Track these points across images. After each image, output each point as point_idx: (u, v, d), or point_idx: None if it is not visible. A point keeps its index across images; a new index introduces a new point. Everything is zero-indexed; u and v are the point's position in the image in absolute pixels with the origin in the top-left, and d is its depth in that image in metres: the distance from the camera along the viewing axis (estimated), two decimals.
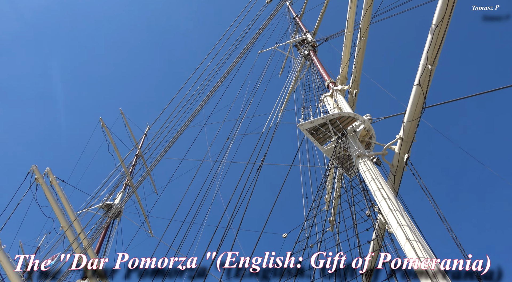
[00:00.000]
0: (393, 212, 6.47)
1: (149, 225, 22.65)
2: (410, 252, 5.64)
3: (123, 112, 28.22)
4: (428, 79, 7.49)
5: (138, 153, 27.36)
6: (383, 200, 6.86)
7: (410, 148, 8.40)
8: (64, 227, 16.93)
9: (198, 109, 15.01)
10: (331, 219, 10.86)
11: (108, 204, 21.77)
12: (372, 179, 7.68)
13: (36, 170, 17.05)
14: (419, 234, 6.24)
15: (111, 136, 24.82)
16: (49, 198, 16.86)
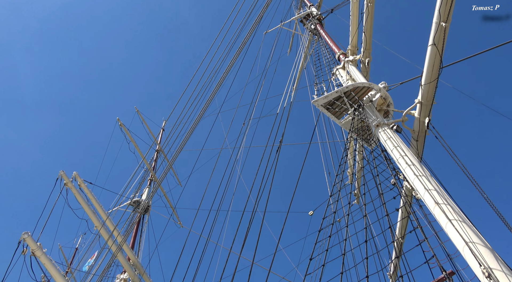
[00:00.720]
0: (419, 177, 6.35)
1: (178, 216, 23.21)
2: (440, 215, 5.54)
3: (138, 110, 28.63)
4: (443, 38, 7.18)
5: (158, 148, 27.81)
6: (408, 166, 6.74)
7: (430, 111, 8.16)
8: (97, 227, 17.55)
9: (211, 97, 15.02)
10: (356, 192, 10.78)
11: (136, 200, 22.37)
12: (394, 147, 7.53)
13: (64, 175, 17.63)
14: (448, 197, 6.11)
15: (130, 135, 25.30)
16: (80, 200, 17.46)
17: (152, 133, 27.35)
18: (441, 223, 5.51)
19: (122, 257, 17.11)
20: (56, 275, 13.16)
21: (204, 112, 16.35)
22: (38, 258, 12.89)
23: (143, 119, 27.79)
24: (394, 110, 9.43)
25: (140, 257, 19.43)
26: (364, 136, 9.06)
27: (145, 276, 17.49)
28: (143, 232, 21.21)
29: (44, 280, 13.85)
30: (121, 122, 25.46)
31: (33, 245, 13.03)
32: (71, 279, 15.38)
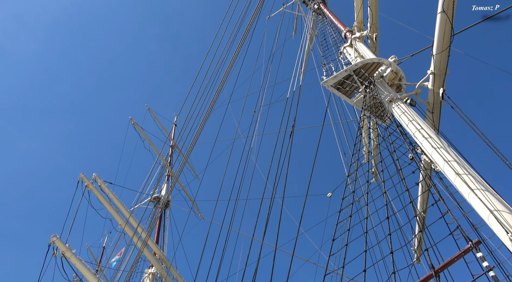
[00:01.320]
0: (437, 150, 6.22)
1: (198, 209, 23.54)
2: (462, 186, 5.44)
3: (149, 108, 28.88)
4: (453, 3, 6.92)
5: (172, 144, 28.08)
6: (425, 140, 6.61)
7: (444, 81, 7.94)
8: (121, 225, 17.99)
9: (219, 88, 14.98)
10: (373, 170, 10.68)
11: (156, 196, 22.75)
12: (409, 121, 7.39)
13: (84, 178, 18.05)
14: (469, 167, 5.98)
15: (144, 133, 25.60)
16: (102, 200, 17.88)
17: (165, 129, 27.61)
18: (463, 193, 5.41)
19: (148, 252, 17.54)
20: (87, 273, 13.60)
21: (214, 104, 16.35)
22: (68, 258, 13.33)
23: (155, 117, 28.04)
24: (407, 84, 9.23)
25: (165, 251, 19.88)
26: (377, 113, 8.91)
27: (172, 268, 17.91)
28: (165, 227, 21.65)
29: (76, 279, 14.34)
30: (134, 121, 25.76)
31: (62, 247, 13.48)
32: (101, 276, 15.88)
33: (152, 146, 25.55)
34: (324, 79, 10.17)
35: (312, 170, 9.91)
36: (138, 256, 17.04)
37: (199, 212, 23.57)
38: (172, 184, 22.43)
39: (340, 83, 10.05)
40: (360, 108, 9.76)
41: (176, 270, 18.10)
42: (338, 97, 10.60)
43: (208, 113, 16.58)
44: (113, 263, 19.39)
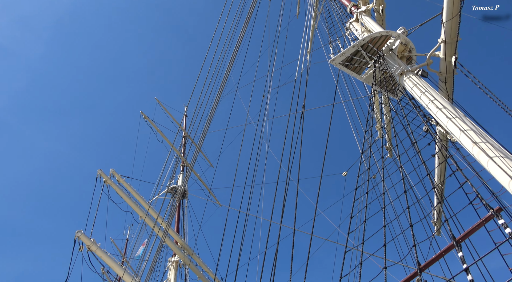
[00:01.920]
0: (452, 119, 6.09)
1: (215, 196, 23.84)
2: (480, 154, 5.33)
3: (159, 100, 29.03)
4: None
5: (185, 134, 28.28)
6: (439, 110, 6.46)
7: (456, 49, 7.70)
8: (142, 217, 18.40)
9: (226, 74, 14.90)
10: (388, 146, 10.55)
11: (173, 187, 23.11)
12: (422, 93, 7.22)
13: (102, 173, 18.43)
14: (487, 135, 5.85)
15: (156, 126, 25.84)
16: (121, 194, 18.27)
17: (176, 120, 27.77)
18: (482, 162, 5.30)
19: (170, 242, 17.95)
20: (113, 265, 14.04)
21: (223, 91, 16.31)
22: (94, 252, 13.77)
23: (165, 109, 28.20)
24: (417, 55, 8.99)
25: (186, 240, 20.30)
26: (388, 87, 8.74)
27: (194, 256, 18.32)
28: (185, 216, 22.05)
29: (103, 271, 14.83)
30: (145, 115, 26.00)
31: (87, 241, 13.91)
32: (127, 267, 16.38)
33: (164, 138, 25.82)
34: (331, 57, 9.99)
35: (326, 150, 9.86)
36: (161, 246, 17.47)
37: (216, 200, 23.89)
38: (188, 174, 22.72)
39: (348, 60, 9.85)
40: (370, 84, 9.59)
41: (199, 257, 18.51)
42: (347, 74, 10.42)
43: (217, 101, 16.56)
44: (137, 254, 19.95)
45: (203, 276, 18.04)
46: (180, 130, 27.65)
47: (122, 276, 14.44)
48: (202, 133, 17.07)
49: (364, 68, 9.92)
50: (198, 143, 22.15)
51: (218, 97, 16.74)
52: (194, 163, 20.40)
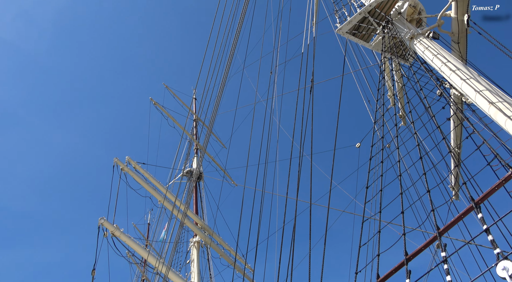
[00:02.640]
0: (467, 81, 5.90)
1: (230, 177, 24.11)
2: (497, 114, 5.19)
3: (167, 85, 29.02)
4: None
5: (195, 118, 28.37)
6: (452, 72, 6.27)
7: (468, 7, 7.36)
8: (160, 201, 18.82)
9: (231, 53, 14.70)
10: (401, 113, 10.36)
11: (188, 170, 23.41)
12: (434, 56, 7.00)
13: (118, 161, 18.78)
14: (504, 94, 5.66)
15: (166, 111, 25.97)
16: (138, 180, 18.65)
17: (185, 104, 27.80)
18: (499, 121, 5.17)
19: (190, 223, 18.38)
20: (137, 248, 14.52)
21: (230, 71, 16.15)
22: (118, 237, 14.23)
23: (173, 94, 28.20)
24: (427, 17, 8.65)
25: (205, 220, 20.73)
26: (398, 53, 8.49)
27: (215, 235, 18.76)
28: (202, 198, 22.44)
29: (129, 254, 15.37)
30: (154, 101, 26.11)
31: (110, 227, 14.35)
32: (151, 250, 16.93)
33: (176, 122, 25.97)
34: (338, 27, 9.71)
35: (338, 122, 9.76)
36: (181, 228, 17.91)
37: (231, 180, 24.16)
38: (201, 156, 22.95)
39: (355, 28, 9.57)
40: (379, 51, 9.32)
41: (219, 236, 18.96)
42: (355, 43, 10.15)
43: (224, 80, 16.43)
44: (159, 237, 20.55)
45: (225, 254, 18.52)
46: (191, 114, 27.73)
47: (147, 258, 14.94)
48: (212, 115, 17.07)
49: (373, 36, 9.63)
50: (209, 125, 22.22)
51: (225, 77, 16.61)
52: (207, 145, 20.54)
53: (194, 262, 17.59)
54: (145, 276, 24.42)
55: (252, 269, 18.00)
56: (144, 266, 23.99)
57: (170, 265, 14.71)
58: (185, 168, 23.28)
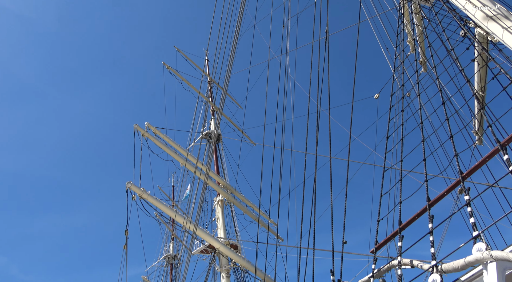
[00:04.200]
0: (494, 17, 5.52)
1: (248, 136, 24.31)
2: None
3: (178, 48, 28.58)
4: None
5: (209, 80, 28.16)
6: (477, 10, 5.86)
7: None
8: (182, 163, 19.33)
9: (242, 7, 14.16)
10: (421, 59, 9.92)
11: (207, 132, 23.70)
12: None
13: (138, 127, 19.16)
14: None
15: (180, 75, 25.84)
16: (159, 145, 19.10)
17: (198, 66, 27.48)
18: None
19: (212, 183, 18.95)
20: (165, 209, 15.22)
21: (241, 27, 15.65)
22: (146, 199, 14.91)
23: (186, 56, 27.83)
24: None
25: (227, 180, 21.30)
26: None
27: (237, 193, 19.36)
28: (222, 158, 22.89)
29: (157, 215, 16.17)
30: (167, 65, 25.92)
31: (138, 191, 15.00)
32: (178, 210, 17.72)
33: (190, 85, 25.90)
34: None
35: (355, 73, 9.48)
36: (204, 188, 18.52)
37: (249, 139, 24.40)
38: (218, 118, 23.07)
39: None
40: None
41: (241, 194, 19.55)
42: None
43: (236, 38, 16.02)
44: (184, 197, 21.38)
45: (248, 211, 19.20)
46: (205, 76, 27.51)
47: (174, 217, 15.70)
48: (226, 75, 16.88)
49: None
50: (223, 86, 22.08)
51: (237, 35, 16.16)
52: (223, 106, 20.56)
53: (219, 219, 18.36)
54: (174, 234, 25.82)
55: (275, 224, 18.69)
56: (173, 225, 25.27)
57: (197, 223, 15.43)
58: (203, 131, 23.57)
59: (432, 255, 4.26)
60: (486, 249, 3.59)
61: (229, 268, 16.32)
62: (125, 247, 14.81)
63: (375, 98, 11.68)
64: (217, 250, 16.24)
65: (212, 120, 24.11)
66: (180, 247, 24.70)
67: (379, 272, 5.48)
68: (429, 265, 4.34)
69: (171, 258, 29.87)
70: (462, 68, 5.43)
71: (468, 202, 4.00)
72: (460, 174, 4.36)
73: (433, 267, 4.15)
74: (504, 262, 3.38)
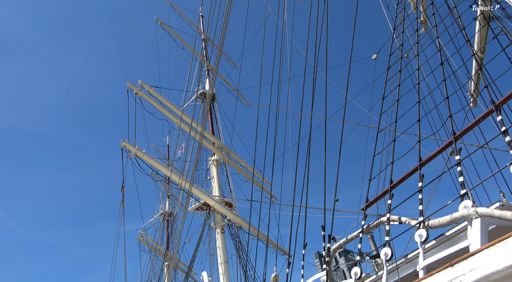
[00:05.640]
0: None
1: (243, 97, 24.12)
2: None
3: (171, 3, 27.37)
4: None
5: (204, 37, 27.31)
6: None
7: None
8: (177, 123, 19.30)
9: None
10: (422, 19, 9.65)
11: (201, 92, 23.43)
12: None
13: (132, 86, 18.84)
14: None
15: (173, 31, 24.98)
16: (153, 104, 18.92)
17: (192, 23, 26.54)
18: None
19: (207, 143, 19.07)
20: (160, 167, 15.41)
21: None
22: (141, 157, 15.03)
23: (179, 11, 26.74)
24: None
25: (222, 140, 21.43)
26: None
27: (232, 153, 19.57)
28: (217, 119, 22.84)
29: (153, 173, 16.40)
30: (160, 21, 24.98)
31: (133, 149, 15.08)
32: (173, 168, 17.94)
33: (184, 42, 25.15)
34: None
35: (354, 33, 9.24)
36: (199, 147, 18.65)
37: (245, 100, 24.23)
38: (213, 77, 22.71)
39: None
40: None
41: (236, 154, 19.77)
42: None
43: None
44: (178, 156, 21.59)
45: (242, 170, 19.53)
46: (199, 34, 26.66)
47: (170, 175, 15.95)
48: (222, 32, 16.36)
49: None
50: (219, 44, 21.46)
51: None
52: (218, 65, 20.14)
53: (214, 179, 18.70)
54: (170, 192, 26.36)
55: (269, 183, 19.12)
56: (168, 183, 25.75)
57: (192, 181, 15.71)
58: (198, 90, 23.27)
59: (420, 212, 4.43)
60: (472, 206, 3.74)
61: (224, 224, 16.90)
62: (122, 204, 15.17)
63: (373, 59, 11.53)
64: (212, 207, 16.71)
65: (207, 79, 23.74)
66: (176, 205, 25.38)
67: (368, 228, 5.72)
68: (417, 221, 4.53)
69: (167, 214, 30.80)
70: (463, 27, 5.31)
71: (459, 161, 4.10)
72: (453, 135, 4.43)
73: (420, 223, 4.34)
74: (488, 218, 3.54)
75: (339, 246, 6.08)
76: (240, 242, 16.78)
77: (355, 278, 5.13)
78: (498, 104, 3.83)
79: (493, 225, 3.68)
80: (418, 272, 4.00)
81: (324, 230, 6.25)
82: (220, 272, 15.19)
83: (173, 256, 20.15)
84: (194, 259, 17.29)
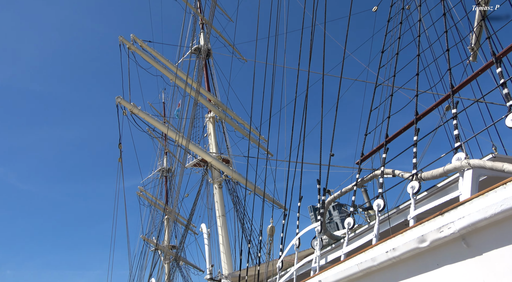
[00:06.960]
0: None
1: (239, 52, 23.50)
2: None
3: None
4: None
5: None
6: None
7: None
8: (172, 79, 18.96)
9: None
10: None
11: (196, 47, 22.75)
12: None
13: (124, 40, 18.19)
14: None
15: None
16: (147, 59, 18.44)
17: None
18: None
19: (203, 100, 18.90)
20: (156, 124, 15.39)
21: None
22: (137, 114, 14.94)
23: None
24: None
25: (218, 97, 21.21)
26: None
27: (228, 110, 19.48)
28: (213, 75, 22.43)
29: (149, 130, 16.41)
30: None
31: (128, 105, 14.94)
32: (169, 125, 17.94)
33: None
34: None
35: None
36: (195, 104, 18.51)
37: (241, 56, 23.64)
38: (208, 32, 21.94)
39: None
40: None
41: (233, 111, 19.69)
42: None
43: None
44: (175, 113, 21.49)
45: (239, 127, 19.58)
46: None
47: (166, 132, 15.98)
48: None
49: None
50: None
51: None
52: (212, 18, 19.36)
53: (211, 135, 18.78)
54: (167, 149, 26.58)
55: (266, 140, 19.27)
56: (165, 140, 25.90)
57: (189, 138, 15.79)
58: (193, 45, 22.59)
59: (414, 165, 4.53)
60: (465, 158, 3.82)
61: (221, 180, 17.27)
62: (120, 160, 15.33)
63: (373, 11, 11.14)
64: (210, 163, 16.95)
65: (201, 34, 22.96)
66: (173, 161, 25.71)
67: (362, 181, 5.88)
68: (410, 174, 4.64)
69: (165, 171, 31.33)
70: None
71: (455, 115, 4.12)
72: (451, 88, 4.40)
73: (413, 176, 4.45)
74: (479, 169, 3.63)
75: (334, 198, 6.29)
76: (237, 196, 17.28)
77: (348, 228, 5.36)
78: (499, 56, 3.77)
79: (484, 176, 3.78)
80: (409, 221, 4.17)
81: (319, 184, 6.43)
82: (219, 225, 15.79)
83: (172, 210, 20.80)
84: (193, 213, 17.91)
